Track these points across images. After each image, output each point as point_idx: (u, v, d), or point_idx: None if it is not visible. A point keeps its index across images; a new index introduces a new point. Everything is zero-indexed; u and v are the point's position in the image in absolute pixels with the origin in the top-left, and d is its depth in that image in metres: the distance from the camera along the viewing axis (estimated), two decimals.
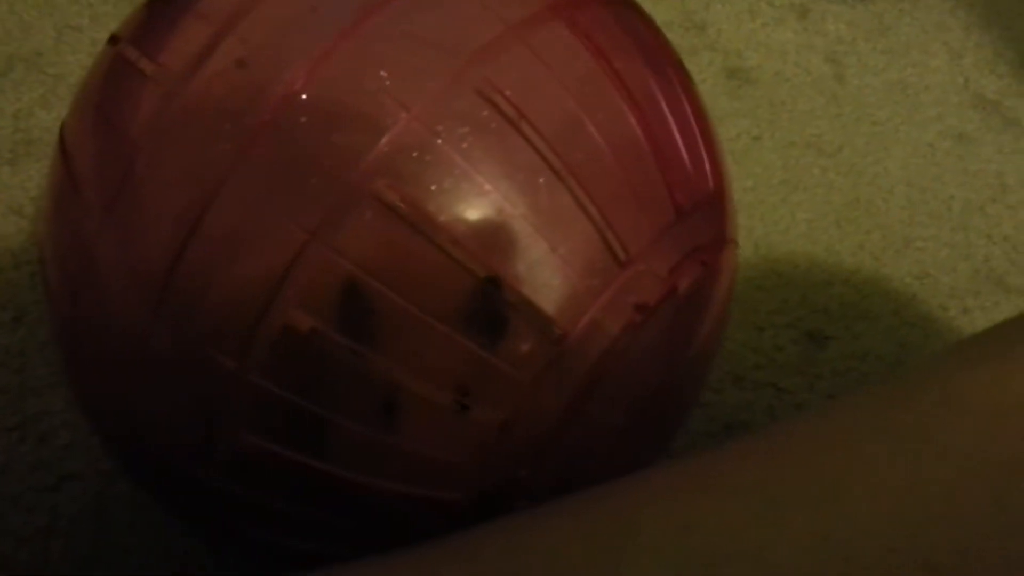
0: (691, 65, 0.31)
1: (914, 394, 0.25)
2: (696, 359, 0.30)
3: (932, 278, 0.51)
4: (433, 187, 0.23)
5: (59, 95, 0.53)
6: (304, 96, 0.23)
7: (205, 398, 0.25)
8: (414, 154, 0.23)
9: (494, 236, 0.23)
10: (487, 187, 0.23)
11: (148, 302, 0.24)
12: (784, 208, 0.54)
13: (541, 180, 0.24)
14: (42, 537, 0.36)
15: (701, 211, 0.27)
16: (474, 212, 0.23)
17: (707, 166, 0.28)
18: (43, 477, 0.38)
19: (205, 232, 0.23)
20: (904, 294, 0.50)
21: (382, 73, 0.24)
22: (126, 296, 0.25)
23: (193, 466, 0.26)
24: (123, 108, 0.26)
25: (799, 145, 0.57)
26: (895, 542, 0.20)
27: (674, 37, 0.32)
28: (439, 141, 0.23)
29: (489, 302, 0.23)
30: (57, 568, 0.36)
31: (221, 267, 0.23)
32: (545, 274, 0.24)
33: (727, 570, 0.21)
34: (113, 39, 0.28)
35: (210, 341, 0.24)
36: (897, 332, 0.48)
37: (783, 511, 0.22)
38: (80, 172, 0.26)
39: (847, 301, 0.49)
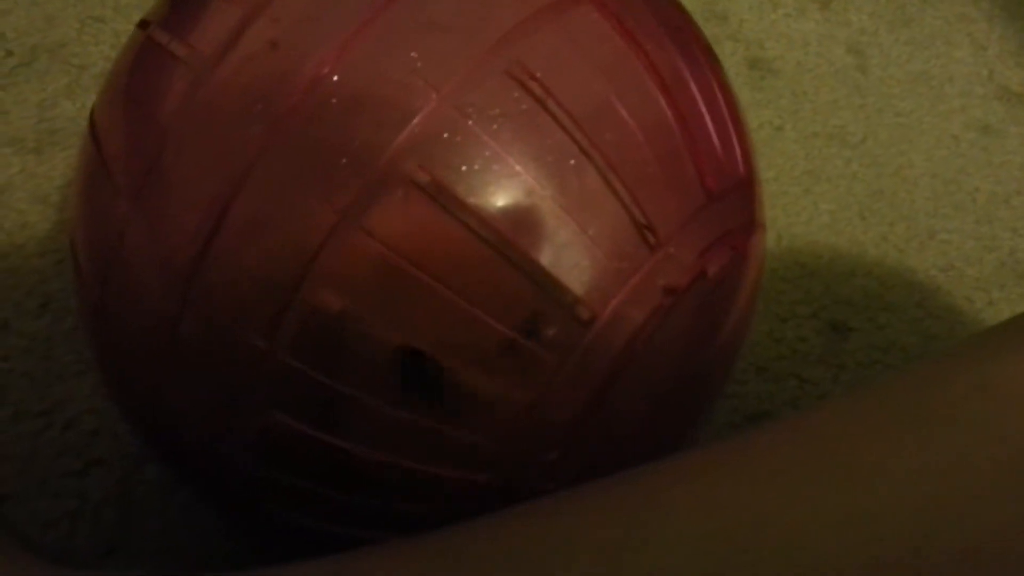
0: None
1: (945, 380, 0.24)
2: (724, 346, 0.30)
3: (957, 270, 0.51)
4: (464, 168, 0.23)
5: (83, 85, 0.53)
6: (335, 78, 0.23)
7: (233, 379, 0.25)
8: (444, 135, 0.23)
9: (524, 217, 0.23)
10: (517, 168, 0.23)
11: (178, 284, 0.24)
12: (807, 199, 0.53)
13: (571, 162, 0.24)
14: (68, 521, 0.37)
15: (731, 195, 0.27)
16: (504, 193, 0.23)
17: (737, 150, 0.28)
18: (69, 462, 0.38)
19: (235, 214, 0.23)
20: (928, 286, 0.50)
21: (412, 54, 0.24)
22: (156, 279, 0.25)
23: (221, 447, 0.26)
24: (154, 91, 0.26)
25: (822, 136, 0.57)
26: (930, 526, 0.20)
27: None
28: (470, 122, 0.23)
29: (518, 284, 0.23)
30: (83, 551, 0.36)
31: (251, 248, 0.24)
32: (574, 256, 0.24)
33: (757, 550, 0.20)
34: (143, 23, 0.28)
35: (239, 322, 0.24)
36: (921, 324, 0.48)
37: (814, 493, 0.21)
38: (110, 156, 0.27)
39: (871, 292, 0.49)
